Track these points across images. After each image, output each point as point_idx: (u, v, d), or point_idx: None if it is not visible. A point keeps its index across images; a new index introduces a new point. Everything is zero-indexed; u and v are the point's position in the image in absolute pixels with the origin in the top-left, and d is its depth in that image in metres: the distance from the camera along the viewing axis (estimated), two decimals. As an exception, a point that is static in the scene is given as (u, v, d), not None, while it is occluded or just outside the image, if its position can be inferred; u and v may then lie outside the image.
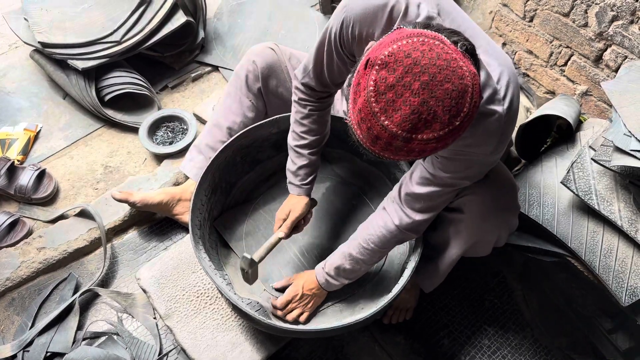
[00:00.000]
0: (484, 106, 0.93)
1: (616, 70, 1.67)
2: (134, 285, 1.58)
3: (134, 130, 1.92)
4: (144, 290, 1.53)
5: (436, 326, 1.59)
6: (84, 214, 1.68)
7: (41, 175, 1.74)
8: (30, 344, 1.44)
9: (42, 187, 1.73)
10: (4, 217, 1.63)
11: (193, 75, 2.14)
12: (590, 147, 1.41)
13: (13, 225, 1.64)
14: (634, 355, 1.45)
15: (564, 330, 1.59)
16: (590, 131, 1.55)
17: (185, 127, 1.92)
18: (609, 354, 1.51)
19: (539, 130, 1.71)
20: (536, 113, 1.60)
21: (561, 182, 1.38)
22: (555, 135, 1.80)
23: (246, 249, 1.55)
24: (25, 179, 1.70)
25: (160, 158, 1.87)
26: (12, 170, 1.72)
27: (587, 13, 1.66)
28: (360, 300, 1.44)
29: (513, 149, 1.70)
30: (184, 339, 1.43)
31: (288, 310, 1.38)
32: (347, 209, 1.64)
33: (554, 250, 1.43)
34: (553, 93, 1.98)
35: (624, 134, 1.27)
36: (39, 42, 1.85)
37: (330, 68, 1.19)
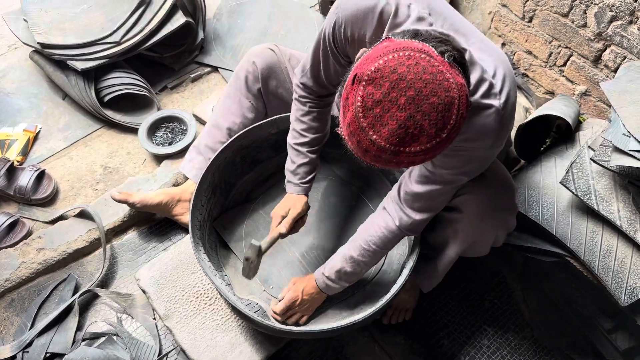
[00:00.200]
0: (480, 101, 0.93)
1: (615, 71, 1.68)
2: (134, 286, 1.58)
3: (134, 130, 1.92)
4: (144, 291, 1.53)
5: (436, 326, 1.59)
6: (83, 215, 1.68)
7: (40, 176, 1.74)
8: (30, 344, 1.44)
9: (42, 188, 1.73)
10: (3, 218, 1.63)
11: (192, 75, 2.14)
12: (590, 147, 1.41)
13: (12, 226, 1.64)
14: (633, 355, 1.45)
15: (563, 330, 1.59)
16: (589, 131, 1.55)
17: (184, 128, 1.92)
18: (608, 353, 1.51)
19: (538, 131, 1.71)
20: (535, 113, 1.60)
21: (560, 182, 1.38)
22: (554, 136, 1.81)
23: (246, 250, 1.55)
24: (25, 179, 1.70)
25: (159, 159, 1.87)
26: (12, 171, 1.72)
27: (586, 13, 1.67)
28: (360, 300, 1.44)
29: (512, 149, 1.70)
30: (184, 339, 1.43)
31: (288, 316, 1.38)
32: (347, 209, 1.64)
33: (553, 250, 1.43)
34: (552, 93, 1.98)
35: (623, 134, 1.27)
36: (39, 43, 1.86)
37: (326, 68, 1.20)
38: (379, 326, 1.56)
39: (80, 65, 1.84)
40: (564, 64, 1.86)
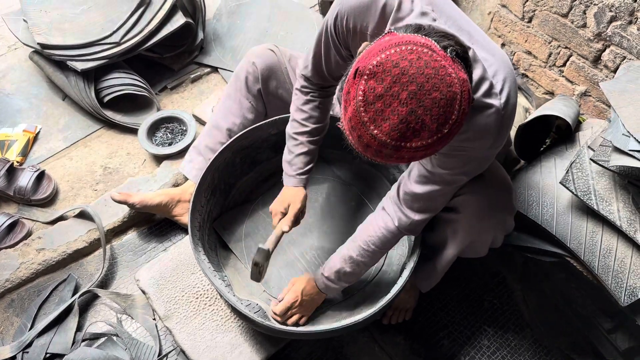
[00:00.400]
0: (481, 100, 0.93)
1: (615, 71, 1.68)
2: (134, 287, 1.58)
3: (133, 131, 1.92)
4: (143, 292, 1.53)
5: (436, 327, 1.59)
6: (83, 215, 1.68)
7: (40, 176, 1.74)
8: (30, 345, 1.44)
9: (42, 189, 1.73)
10: (3, 219, 1.63)
11: (192, 76, 2.14)
12: (589, 148, 1.41)
13: (12, 227, 1.64)
14: (633, 355, 1.45)
15: (563, 330, 1.59)
16: (589, 131, 1.55)
17: (184, 128, 1.92)
18: (608, 353, 1.51)
19: (538, 131, 1.71)
20: (535, 113, 1.60)
21: (560, 183, 1.38)
22: (554, 136, 1.81)
23: (245, 250, 1.55)
24: (25, 180, 1.70)
25: (159, 159, 1.87)
26: (12, 172, 1.72)
27: (586, 14, 1.67)
28: (360, 301, 1.44)
29: (512, 149, 1.70)
30: (184, 340, 1.42)
31: (288, 316, 1.38)
32: (346, 209, 1.64)
33: (553, 250, 1.43)
34: (552, 93, 1.98)
35: (623, 134, 1.27)
36: (38, 44, 1.86)
37: (327, 60, 1.20)
38: (379, 326, 1.56)
39: (80, 65, 1.84)
40: (564, 64, 1.86)
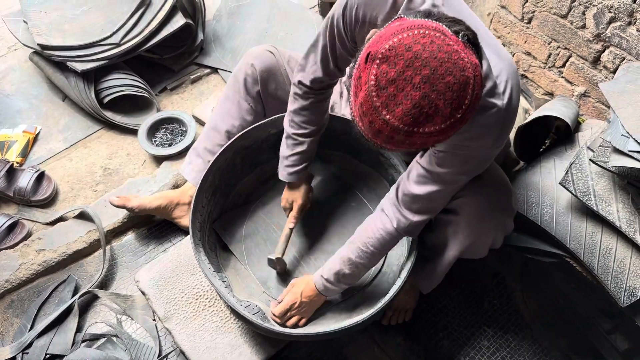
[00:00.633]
0: (484, 99, 0.92)
1: (614, 72, 1.68)
2: (133, 287, 1.58)
3: (133, 132, 1.92)
4: (143, 293, 1.53)
5: (435, 327, 1.59)
6: (83, 216, 1.68)
7: (40, 177, 1.74)
8: (30, 346, 1.44)
9: (41, 189, 1.73)
10: (3, 219, 1.63)
11: (192, 77, 2.14)
12: (589, 148, 1.41)
13: (12, 227, 1.64)
14: (633, 355, 1.45)
15: (563, 331, 1.59)
16: (588, 132, 1.55)
17: (184, 129, 1.92)
18: (608, 354, 1.51)
19: (537, 132, 1.71)
20: (535, 114, 1.60)
21: (560, 183, 1.38)
22: (553, 137, 1.81)
23: (245, 251, 1.55)
24: (25, 181, 1.70)
25: (159, 160, 1.87)
26: (11, 172, 1.72)
27: (585, 15, 1.67)
28: (359, 302, 1.44)
29: (512, 150, 1.70)
30: (183, 341, 1.42)
31: (287, 318, 1.38)
32: (346, 210, 1.64)
33: (552, 251, 1.43)
34: (551, 94, 1.98)
35: (622, 135, 1.27)
36: (38, 44, 1.86)
37: (333, 53, 1.19)
38: (379, 327, 1.56)
39: (80, 66, 1.84)
40: (563, 65, 1.86)
